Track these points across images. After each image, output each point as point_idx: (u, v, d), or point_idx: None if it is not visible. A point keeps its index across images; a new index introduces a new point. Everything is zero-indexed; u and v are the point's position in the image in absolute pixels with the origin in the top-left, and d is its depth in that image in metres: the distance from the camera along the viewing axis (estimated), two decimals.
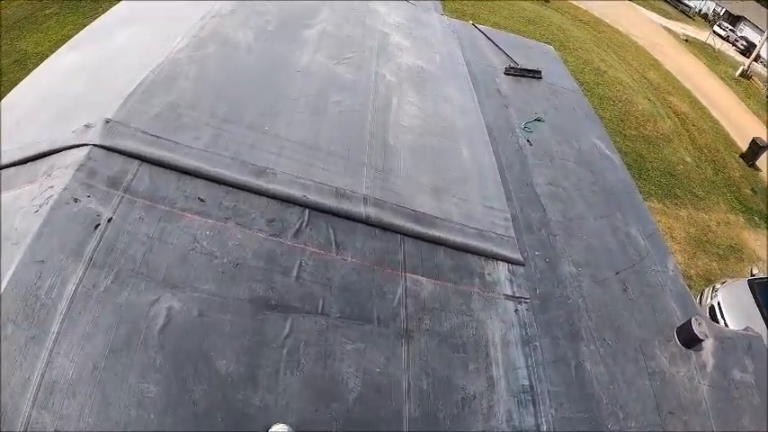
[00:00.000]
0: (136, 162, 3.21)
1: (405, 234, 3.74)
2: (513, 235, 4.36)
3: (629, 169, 6.06)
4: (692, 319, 4.74)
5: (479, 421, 3.25)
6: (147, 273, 2.86)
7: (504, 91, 5.97)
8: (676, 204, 10.15)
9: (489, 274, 4.04)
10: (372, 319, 3.32)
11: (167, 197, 3.22)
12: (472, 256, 4.01)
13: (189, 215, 3.19)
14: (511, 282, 4.13)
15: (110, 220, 2.88)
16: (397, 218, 3.76)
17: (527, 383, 3.72)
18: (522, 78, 6.29)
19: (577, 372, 4.11)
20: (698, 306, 5.35)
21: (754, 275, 9.52)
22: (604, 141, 5.95)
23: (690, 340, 4.77)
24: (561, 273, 4.50)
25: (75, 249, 2.73)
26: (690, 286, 7.73)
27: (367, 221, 3.58)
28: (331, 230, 3.49)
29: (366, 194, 3.74)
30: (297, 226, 3.40)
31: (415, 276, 3.64)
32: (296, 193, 3.51)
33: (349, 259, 3.44)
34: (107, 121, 3.27)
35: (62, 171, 3.00)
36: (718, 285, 8.95)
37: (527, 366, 3.83)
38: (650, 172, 6.96)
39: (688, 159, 11.39)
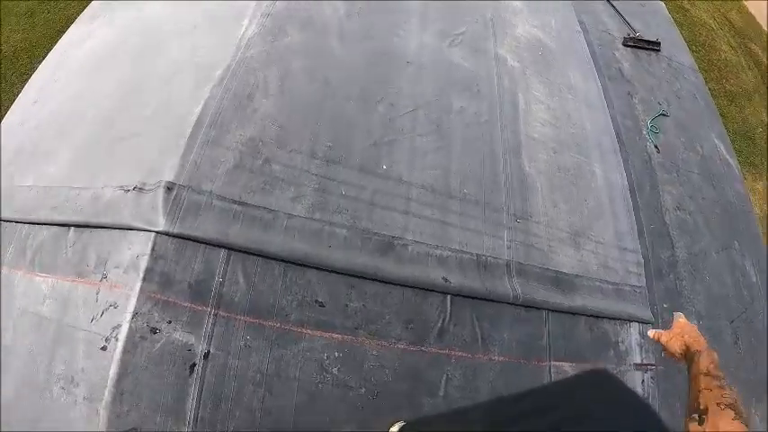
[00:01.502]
0: (222, 253, 2.54)
1: (548, 309, 3.38)
2: (645, 284, 4.07)
3: None
4: None
5: None
6: (271, 424, 2.47)
7: (627, 71, 5.33)
8: (754, 175, 9.88)
9: (622, 342, 3.83)
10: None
11: (276, 306, 2.59)
12: (608, 323, 3.74)
13: (309, 331, 2.65)
14: (641, 347, 3.94)
15: (207, 356, 2.36)
16: (541, 287, 3.42)
17: None
18: (641, 52, 5.59)
19: None
20: None
21: None
22: (724, 142, 5.52)
23: None
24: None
25: (173, 408, 2.23)
26: None
27: (514, 302, 3.19)
28: (476, 322, 3.15)
29: (509, 260, 3.32)
30: (439, 324, 3.02)
31: (560, 363, 3.39)
32: (436, 275, 3.03)
33: (496, 358, 3.13)
34: (169, 188, 2.52)
35: (122, 276, 2.37)
36: None
37: None
38: (729, 136, 6.55)
39: None
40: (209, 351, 2.40)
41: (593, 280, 3.78)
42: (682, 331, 1.87)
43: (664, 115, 5.20)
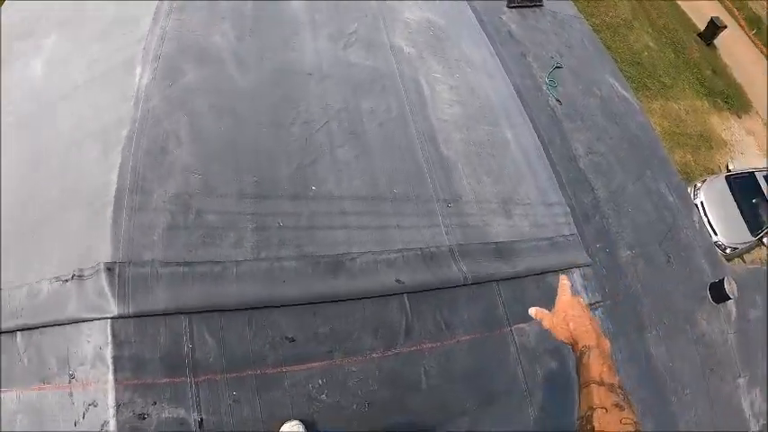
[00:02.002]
0: (183, 320, 2.54)
1: (497, 280, 3.69)
2: (576, 232, 4.45)
3: None
4: (725, 278, 5.31)
5: None
6: None
7: (516, 33, 5.68)
8: (648, 97, 10.68)
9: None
10: (502, 399, 3.41)
11: (250, 354, 2.67)
12: (552, 275, 4.10)
13: (288, 368, 2.79)
14: (585, 289, 4.34)
15: (201, 424, 2.43)
16: (485, 262, 3.72)
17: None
18: (526, 10, 5.94)
19: (646, 361, 4.55)
20: (722, 258, 5.95)
21: (730, 171, 10.58)
22: (618, 79, 6.01)
23: (720, 298, 5.36)
24: (620, 261, 4.77)
25: None
26: None
27: (465, 283, 3.47)
28: (436, 311, 3.41)
29: (451, 245, 3.61)
30: (404, 324, 3.27)
31: (519, 326, 3.71)
32: (388, 279, 3.27)
33: (463, 338, 3.41)
34: (109, 269, 2.44)
35: (90, 372, 2.32)
36: (699, 184, 9.88)
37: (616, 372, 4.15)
38: (619, 64, 7.11)
39: (651, 44, 11.74)
40: (201, 419, 2.46)
41: (528, 241, 4.12)
42: (566, 316, 1.65)
43: (558, 68, 5.58)
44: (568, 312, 1.66)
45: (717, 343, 5.48)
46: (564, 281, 1.81)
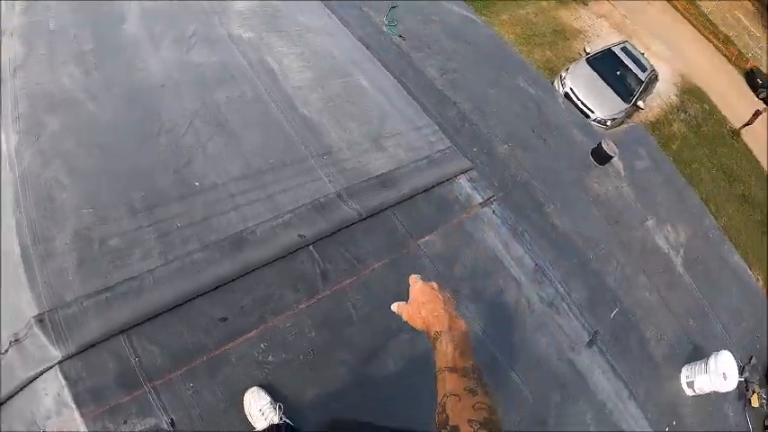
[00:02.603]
0: (121, 338, 2.86)
1: (389, 206, 4.10)
2: (451, 144, 4.92)
3: None
4: (602, 141, 5.95)
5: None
6: None
7: None
8: (495, 12, 11.36)
9: (459, 194, 4.66)
10: None
11: (192, 345, 3.03)
12: (439, 188, 4.55)
13: (230, 345, 3.13)
14: (475, 188, 4.80)
15: (173, 424, 2.75)
16: (373, 195, 4.11)
17: (534, 264, 4.61)
18: None
19: (555, 232, 5.11)
20: (596, 128, 6.64)
21: (588, 53, 11.42)
22: (457, 3, 6.49)
23: (603, 159, 6.00)
24: (500, 157, 5.28)
25: None
26: None
27: (360, 218, 3.87)
28: (343, 251, 3.77)
29: (337, 191, 3.98)
30: (318, 271, 3.64)
31: (423, 239, 4.12)
32: (290, 237, 3.64)
33: (376, 265, 3.80)
34: (40, 321, 2.70)
35: (59, 419, 2.57)
36: (563, 74, 10.62)
37: (526, 251, 4.69)
38: None
39: None
40: (172, 419, 2.76)
41: (407, 165, 4.55)
42: (418, 304, 1.63)
43: (394, 8, 6.01)
44: (419, 299, 1.63)
45: (614, 198, 6.14)
46: (412, 277, 1.77)
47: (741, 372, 6.68)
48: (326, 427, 3.17)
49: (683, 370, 5.72)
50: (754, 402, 6.64)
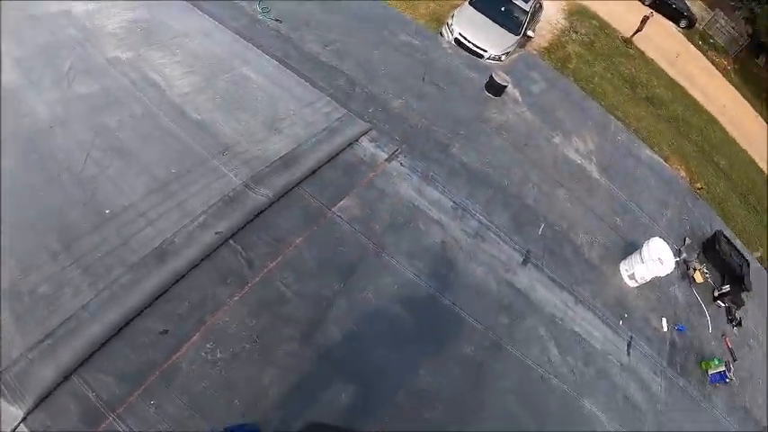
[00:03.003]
0: (75, 380, 2.99)
1: (296, 184, 4.21)
2: (344, 110, 5.06)
3: None
4: (492, 74, 6.21)
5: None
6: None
7: None
8: None
9: (364, 154, 4.81)
10: (360, 265, 4.00)
11: (144, 365, 3.15)
12: (344, 153, 4.69)
13: (180, 353, 3.25)
14: (379, 147, 4.96)
15: None
16: (278, 177, 4.23)
17: (452, 202, 4.83)
18: None
19: (465, 169, 5.35)
20: (484, 63, 6.91)
21: None
22: None
23: (498, 90, 6.26)
24: (396, 111, 5.49)
25: None
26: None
27: (271, 201, 3.98)
28: (262, 235, 3.93)
29: (243, 181, 4.09)
30: (243, 260, 3.77)
31: (338, 205, 4.27)
32: (208, 236, 3.76)
33: (297, 241, 3.92)
34: None
35: None
36: (449, 21, 10.82)
37: (441, 192, 4.90)
38: None
39: None
40: None
41: (307, 141, 4.67)
42: None
43: None
44: None
45: (516, 124, 6.42)
46: None
47: (678, 254, 7.13)
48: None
49: (622, 265, 6.07)
50: (698, 279, 7.10)
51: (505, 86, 6.49)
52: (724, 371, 6.19)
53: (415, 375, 3.89)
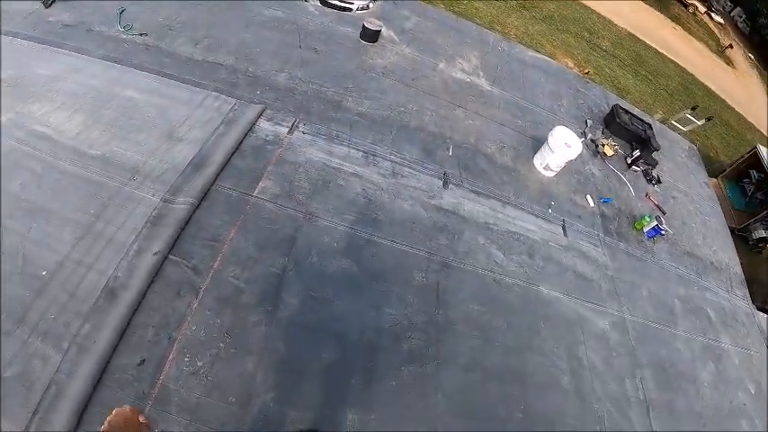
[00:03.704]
0: None
1: (213, 182, 4.41)
2: (234, 99, 5.24)
3: None
4: (364, 23, 6.53)
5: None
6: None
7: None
8: None
9: (267, 136, 5.01)
10: (302, 251, 4.25)
11: (136, 395, 3.36)
12: (247, 140, 4.95)
13: (163, 376, 3.47)
14: (278, 124, 5.24)
15: None
16: (195, 181, 4.45)
17: (361, 152, 5.14)
18: None
19: (364, 118, 5.61)
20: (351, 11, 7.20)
21: None
22: None
23: (373, 36, 6.58)
24: (282, 84, 5.77)
25: None
26: None
27: (195, 206, 4.25)
28: (198, 239, 4.18)
29: (162, 197, 4.30)
30: (189, 270, 4.00)
31: (258, 187, 4.52)
32: (148, 263, 3.93)
33: (233, 234, 4.22)
34: None
35: None
36: None
37: (348, 146, 5.21)
38: None
39: None
40: None
41: (210, 138, 4.87)
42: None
43: (122, 11, 6.03)
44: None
45: (399, 62, 6.84)
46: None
47: (583, 135, 7.68)
48: None
49: (535, 160, 6.56)
50: (609, 152, 7.69)
51: (379, 31, 6.79)
52: (656, 225, 6.78)
53: (382, 315, 4.24)
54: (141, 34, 5.93)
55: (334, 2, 10.44)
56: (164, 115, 5.02)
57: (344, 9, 9.61)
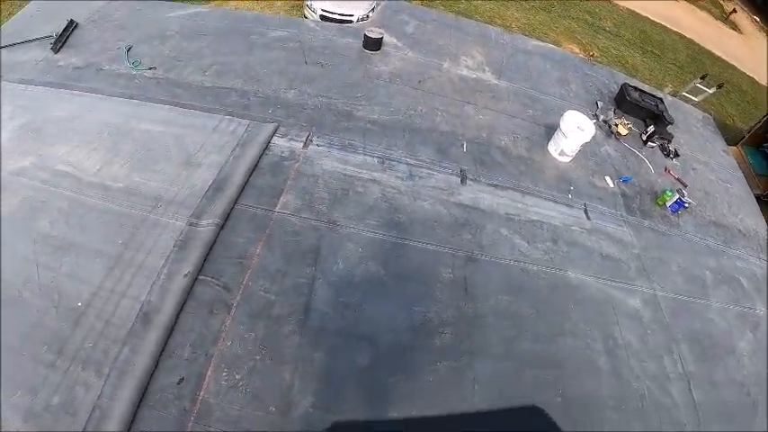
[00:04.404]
0: None
1: (236, 202, 4.52)
2: (247, 121, 5.33)
3: None
4: (365, 32, 6.78)
5: None
6: None
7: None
8: None
9: (283, 153, 5.16)
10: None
11: (178, 413, 3.50)
12: (264, 159, 5.03)
13: (203, 392, 3.59)
14: (292, 139, 5.37)
15: None
16: (218, 203, 4.56)
17: (376, 158, 5.16)
18: None
19: (375, 125, 5.66)
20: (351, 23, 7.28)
21: None
22: None
23: (375, 44, 6.82)
24: (292, 101, 5.92)
25: None
26: None
27: (220, 227, 4.37)
28: (226, 258, 4.32)
29: (188, 221, 4.43)
30: (220, 288, 4.14)
31: (280, 202, 4.58)
32: (180, 284, 4.07)
33: (259, 250, 4.29)
34: None
35: None
36: (307, 2, 11.05)
37: (363, 154, 5.25)
38: None
39: None
40: None
41: (228, 161, 4.99)
42: None
43: (129, 48, 6.21)
44: None
45: (404, 67, 6.96)
46: None
47: (596, 117, 7.66)
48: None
49: (549, 147, 6.58)
50: (623, 131, 7.66)
51: (381, 38, 6.89)
52: (679, 198, 6.73)
53: (412, 314, 4.31)
54: (150, 68, 6.10)
55: (333, 17, 10.62)
56: (181, 143, 5.15)
57: (345, 21, 9.76)
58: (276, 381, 3.69)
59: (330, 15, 10.27)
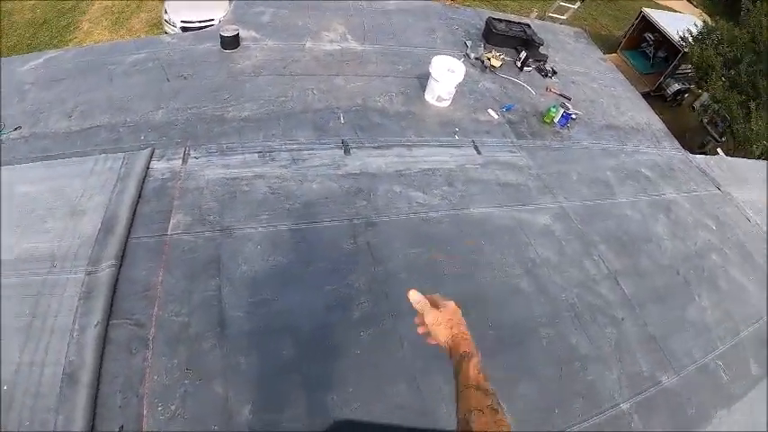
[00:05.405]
0: None
1: (128, 238, 4.38)
2: (122, 153, 5.16)
3: None
4: (220, 32, 6.65)
5: None
6: None
7: None
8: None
9: (164, 175, 5.00)
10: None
11: None
12: (147, 186, 4.90)
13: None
14: (169, 159, 5.27)
15: None
16: (109, 245, 4.41)
17: (256, 154, 5.11)
18: None
19: (239, 122, 5.56)
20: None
21: None
22: None
23: (234, 42, 6.79)
24: (158, 121, 5.72)
25: None
26: None
27: (119, 267, 4.17)
28: (131, 295, 4.19)
29: (86, 269, 4.25)
30: (133, 326, 4.03)
31: (171, 224, 4.46)
32: (92, 334, 3.95)
33: (161, 277, 4.19)
34: None
35: None
36: (165, 17, 10.75)
37: (242, 153, 5.18)
38: None
39: None
40: None
41: (111, 199, 4.80)
42: (450, 321, 1.73)
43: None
44: (453, 316, 1.75)
45: (267, 57, 6.92)
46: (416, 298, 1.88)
47: (467, 57, 7.78)
48: None
49: (426, 96, 6.70)
50: (496, 63, 7.84)
51: (237, 35, 6.77)
52: (564, 112, 6.94)
53: (326, 294, 4.34)
54: (16, 129, 5.82)
55: (195, 26, 10.37)
56: (61, 196, 4.95)
57: (208, 27, 9.54)
58: (211, 398, 3.64)
59: (191, 25, 10.04)
